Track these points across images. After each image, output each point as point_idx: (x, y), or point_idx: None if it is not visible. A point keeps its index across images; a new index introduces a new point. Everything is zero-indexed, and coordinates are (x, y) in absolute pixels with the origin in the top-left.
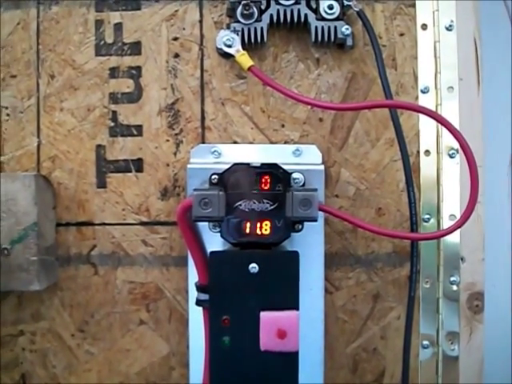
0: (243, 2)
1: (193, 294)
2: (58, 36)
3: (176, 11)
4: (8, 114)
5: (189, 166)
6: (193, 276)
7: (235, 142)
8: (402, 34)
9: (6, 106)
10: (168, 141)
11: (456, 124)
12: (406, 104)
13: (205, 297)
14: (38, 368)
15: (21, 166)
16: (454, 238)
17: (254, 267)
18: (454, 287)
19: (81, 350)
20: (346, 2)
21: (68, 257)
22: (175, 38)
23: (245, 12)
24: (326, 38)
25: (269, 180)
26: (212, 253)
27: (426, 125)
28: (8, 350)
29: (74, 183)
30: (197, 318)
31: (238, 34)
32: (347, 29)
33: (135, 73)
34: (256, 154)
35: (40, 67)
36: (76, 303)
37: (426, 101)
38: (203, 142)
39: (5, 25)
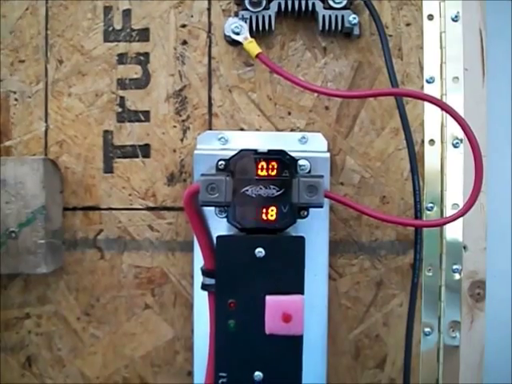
0: None
1: (198, 278)
2: (67, 22)
3: None
4: (16, 99)
5: (196, 152)
6: (198, 261)
7: (242, 129)
8: (408, 24)
9: (14, 91)
10: (175, 127)
11: (460, 114)
12: (412, 92)
13: (210, 281)
14: (44, 351)
15: (28, 150)
16: (456, 226)
17: (260, 252)
18: (456, 275)
19: (86, 333)
20: None
21: (74, 241)
22: (183, 25)
23: (253, 0)
24: (333, 27)
25: (276, 166)
26: (219, 237)
27: (431, 114)
28: (14, 332)
29: (82, 168)
30: (201, 302)
31: (246, 22)
32: (354, 18)
33: (143, 59)
34: (262, 141)
35: (48, 52)
36: (82, 287)
37: (431, 91)
38: (210, 129)
39: (14, 10)
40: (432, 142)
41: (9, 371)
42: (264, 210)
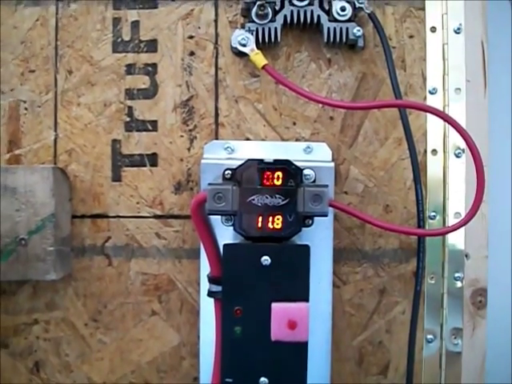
0: (258, 3)
1: (204, 285)
2: (76, 33)
3: (192, 10)
4: (26, 108)
5: (202, 161)
6: (204, 268)
7: (248, 139)
8: (411, 36)
9: (24, 100)
10: (182, 136)
11: (463, 124)
12: (416, 104)
13: (217, 288)
14: (52, 356)
15: (38, 158)
16: (458, 235)
17: (266, 260)
18: (458, 283)
19: (93, 339)
20: (357, 4)
21: (83, 248)
22: (191, 37)
23: (259, 12)
24: (337, 39)
25: (281, 176)
26: (226, 245)
27: (434, 125)
28: (22, 338)
29: (90, 176)
30: (207, 309)
31: (252, 34)
32: (359, 30)
33: (151, 69)
34: (268, 150)
35: (58, 63)
36: (90, 293)
37: (433, 101)
38: (216, 139)
39: (24, 21)
40: (434, 151)
41: (17, 376)
42: (270, 219)
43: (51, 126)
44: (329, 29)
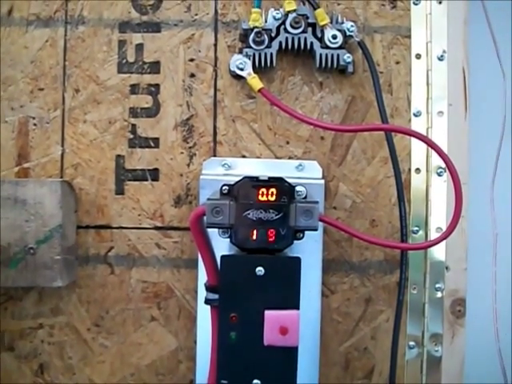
0: (255, 30)
1: (201, 293)
2: (84, 54)
3: (193, 35)
4: (35, 124)
5: (201, 177)
6: (202, 277)
7: (244, 156)
8: (397, 63)
9: (33, 117)
10: (182, 153)
11: (444, 145)
12: (400, 128)
13: (213, 296)
14: (56, 359)
15: (45, 172)
16: (439, 248)
17: (260, 270)
18: (439, 293)
19: (96, 343)
20: (348, 33)
21: (87, 257)
22: (191, 59)
23: (256, 39)
24: (329, 64)
25: (275, 192)
26: (223, 256)
27: (417, 145)
28: (28, 341)
29: (95, 189)
30: (204, 315)
31: (249, 59)
32: (349, 57)
33: (154, 90)
34: (262, 167)
35: (66, 82)
36: (93, 300)
37: (417, 124)
38: (214, 156)
39: (34, 41)
40: (418, 170)
41: (22, 378)
42: (264, 232)
43: (58, 142)
44: (321, 55)
